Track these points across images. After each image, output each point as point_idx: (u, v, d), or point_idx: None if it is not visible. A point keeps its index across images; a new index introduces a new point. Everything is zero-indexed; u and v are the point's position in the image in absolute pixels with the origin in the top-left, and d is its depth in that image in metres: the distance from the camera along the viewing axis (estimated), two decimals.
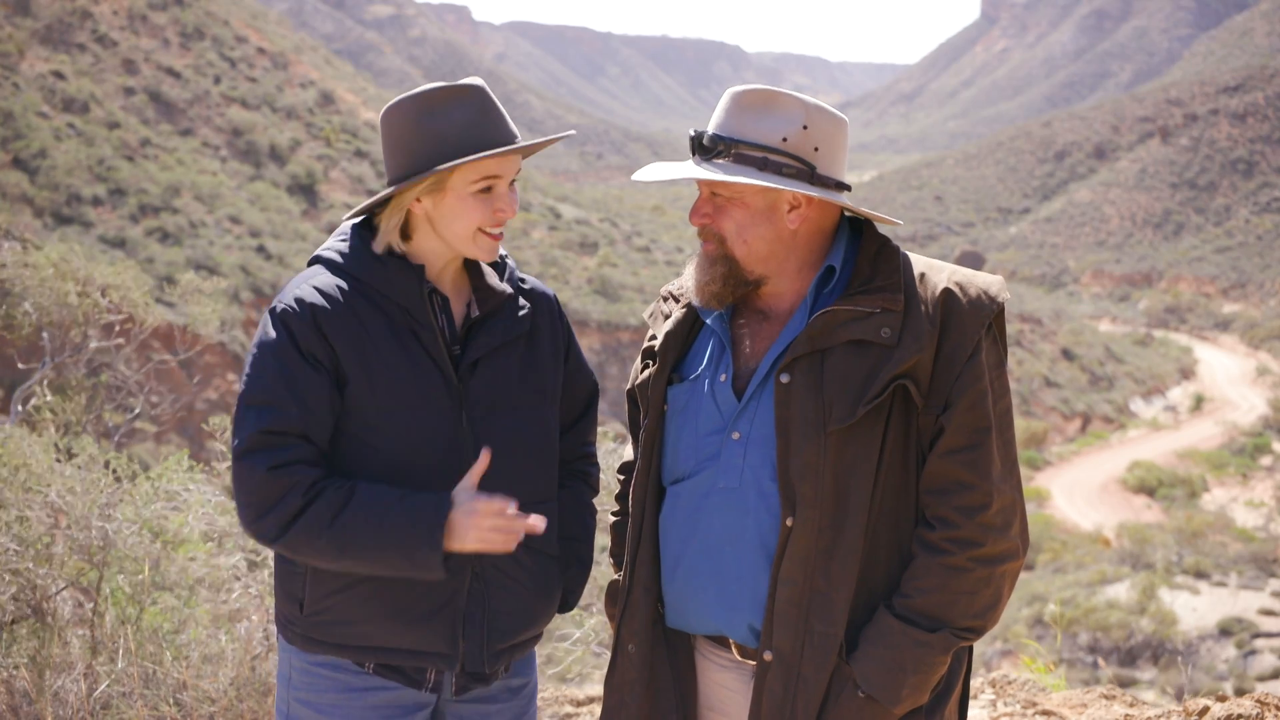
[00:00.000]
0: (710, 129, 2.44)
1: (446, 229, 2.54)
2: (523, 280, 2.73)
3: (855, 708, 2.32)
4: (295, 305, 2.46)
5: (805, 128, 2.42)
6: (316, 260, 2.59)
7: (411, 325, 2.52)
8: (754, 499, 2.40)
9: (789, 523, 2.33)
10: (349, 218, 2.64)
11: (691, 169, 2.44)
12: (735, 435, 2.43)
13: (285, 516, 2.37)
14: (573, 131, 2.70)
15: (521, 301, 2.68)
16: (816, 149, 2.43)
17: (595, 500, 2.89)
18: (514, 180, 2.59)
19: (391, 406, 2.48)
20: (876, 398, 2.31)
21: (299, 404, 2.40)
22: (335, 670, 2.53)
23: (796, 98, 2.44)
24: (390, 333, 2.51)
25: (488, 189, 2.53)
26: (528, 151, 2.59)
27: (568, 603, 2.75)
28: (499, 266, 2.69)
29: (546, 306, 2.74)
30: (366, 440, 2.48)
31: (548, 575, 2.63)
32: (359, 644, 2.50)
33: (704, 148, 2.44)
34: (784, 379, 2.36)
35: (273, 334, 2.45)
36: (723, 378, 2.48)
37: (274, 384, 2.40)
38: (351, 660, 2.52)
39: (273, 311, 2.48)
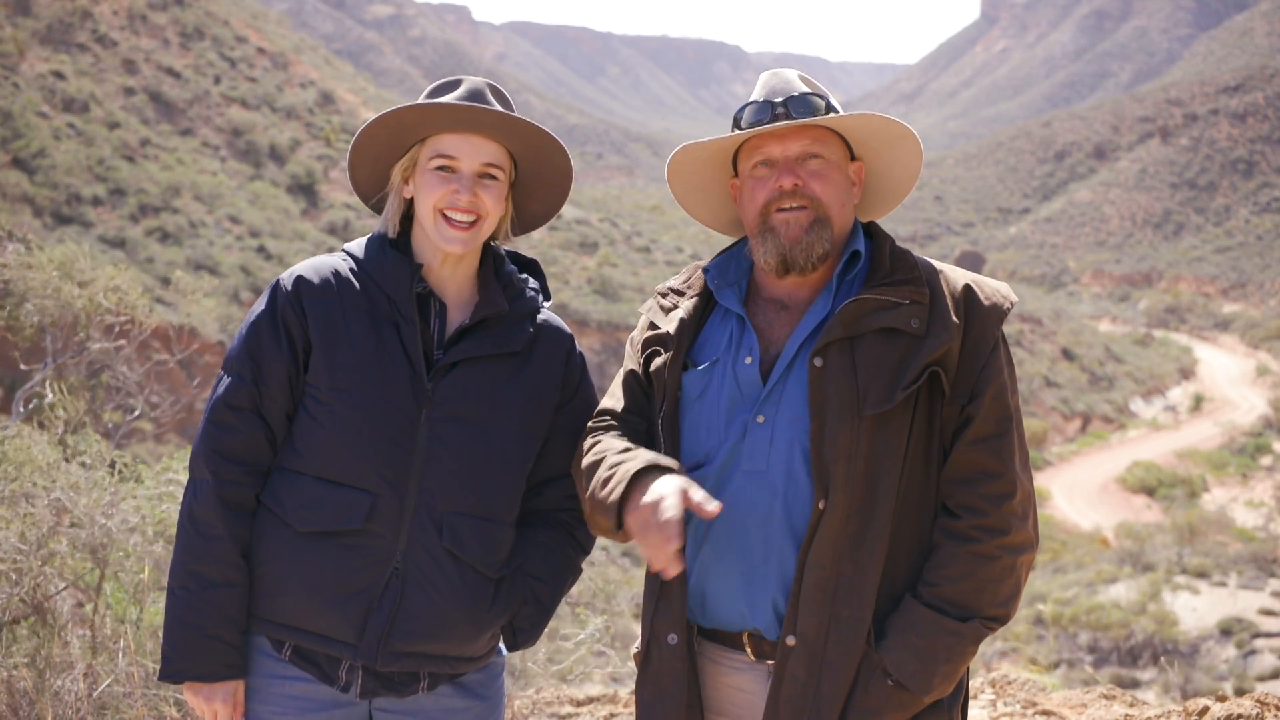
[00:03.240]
0: (793, 93, 2.51)
1: (418, 210, 2.59)
2: (539, 311, 2.71)
3: (884, 695, 2.33)
4: (288, 280, 2.58)
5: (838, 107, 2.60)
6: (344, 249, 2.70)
7: (394, 317, 2.55)
8: (782, 482, 2.41)
9: (821, 505, 2.35)
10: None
11: (795, 120, 2.48)
12: (760, 419, 2.44)
13: (189, 496, 2.56)
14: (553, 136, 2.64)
15: (527, 327, 2.66)
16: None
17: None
18: (493, 176, 2.57)
19: (344, 385, 2.51)
20: (913, 383, 2.35)
21: (258, 377, 2.54)
22: (260, 653, 2.56)
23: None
24: (370, 320, 2.55)
25: (448, 169, 2.55)
26: (510, 135, 2.56)
27: (516, 641, 2.69)
28: (514, 290, 2.67)
29: (556, 344, 2.72)
30: (316, 415, 2.53)
31: (475, 592, 2.57)
32: (277, 619, 2.53)
33: (797, 103, 2.49)
34: (817, 362, 2.39)
35: (262, 306, 2.58)
36: (747, 360, 2.49)
37: (243, 354, 2.56)
38: (270, 640, 2.55)
39: (273, 284, 2.60)
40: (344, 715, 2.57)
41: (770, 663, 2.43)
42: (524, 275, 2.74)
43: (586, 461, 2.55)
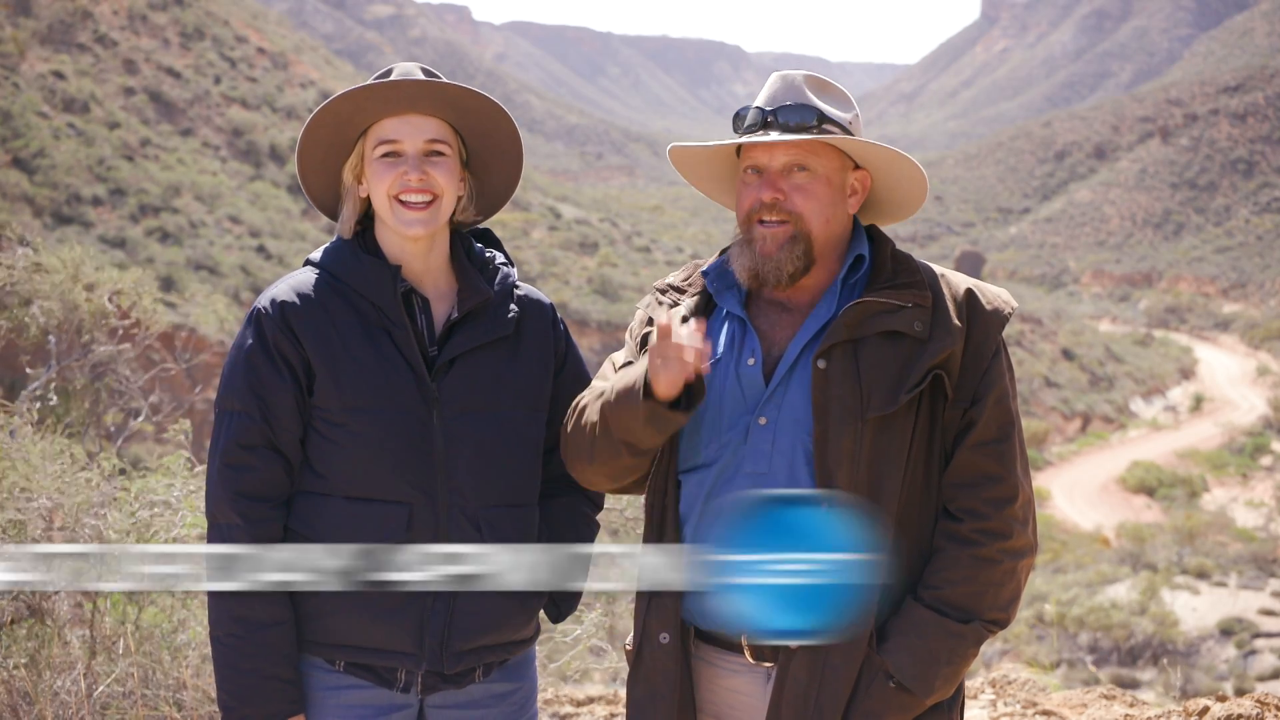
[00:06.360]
0: (787, 102, 2.46)
1: (375, 204, 2.57)
2: (517, 287, 2.71)
3: (885, 698, 2.34)
4: (269, 306, 2.53)
5: (857, 115, 2.54)
6: (309, 261, 2.64)
7: (385, 323, 2.54)
8: (785, 484, 2.41)
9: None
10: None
11: (790, 137, 2.43)
12: (762, 421, 2.44)
13: (215, 543, 2.49)
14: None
15: (510, 306, 2.66)
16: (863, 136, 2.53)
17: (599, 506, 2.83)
18: (440, 152, 2.55)
19: (356, 404, 2.50)
20: (916, 386, 2.35)
21: (265, 412, 2.49)
22: (309, 668, 2.53)
23: (841, 87, 2.53)
24: (362, 330, 2.53)
25: (393, 154, 2.53)
26: (447, 106, 2.53)
27: (560, 612, 2.73)
28: (490, 272, 2.67)
29: (539, 315, 2.73)
30: (331, 437, 2.51)
31: None
32: (328, 641, 2.51)
33: (788, 121, 2.45)
34: (820, 364, 2.39)
35: (246, 338, 2.53)
36: (750, 361, 2.47)
37: (244, 390, 2.50)
38: (322, 659, 2.53)
39: (250, 313, 2.55)
40: (400, 717, 2.56)
41: (768, 665, 2.43)
42: (489, 251, 2.73)
43: (581, 405, 2.56)
